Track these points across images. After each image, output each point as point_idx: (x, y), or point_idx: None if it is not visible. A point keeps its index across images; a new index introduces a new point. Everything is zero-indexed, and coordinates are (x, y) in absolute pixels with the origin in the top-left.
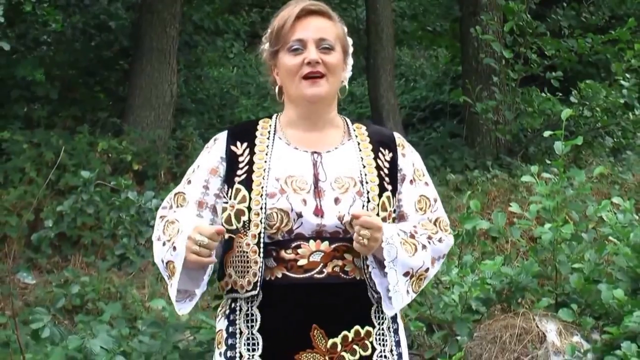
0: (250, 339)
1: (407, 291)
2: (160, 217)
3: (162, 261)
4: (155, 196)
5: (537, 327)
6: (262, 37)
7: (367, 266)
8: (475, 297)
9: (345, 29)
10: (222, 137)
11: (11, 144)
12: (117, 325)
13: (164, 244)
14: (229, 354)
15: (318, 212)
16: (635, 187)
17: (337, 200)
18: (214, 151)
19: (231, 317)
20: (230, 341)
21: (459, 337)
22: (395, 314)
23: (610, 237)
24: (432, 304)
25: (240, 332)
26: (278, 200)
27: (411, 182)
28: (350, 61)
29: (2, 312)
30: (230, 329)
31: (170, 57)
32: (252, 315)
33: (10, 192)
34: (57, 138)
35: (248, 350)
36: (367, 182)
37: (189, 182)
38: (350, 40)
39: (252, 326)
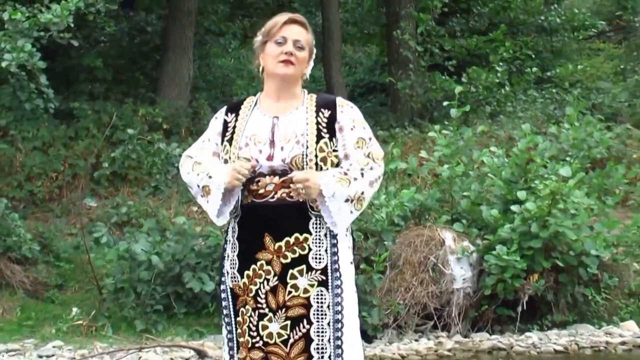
0: (233, 243)
1: (351, 211)
2: (188, 156)
3: (198, 186)
4: (178, 146)
5: (439, 235)
6: (258, 33)
7: (318, 205)
8: (396, 214)
9: (314, 41)
10: (222, 110)
11: (80, 111)
12: (152, 234)
13: (198, 174)
14: (224, 254)
15: (269, 158)
16: (506, 140)
17: (282, 149)
18: (218, 120)
19: (228, 231)
20: (225, 246)
21: (386, 242)
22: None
23: (489, 174)
24: (367, 219)
25: (229, 240)
26: (243, 151)
27: (351, 129)
28: (312, 64)
29: (74, 225)
30: (226, 238)
31: (188, 51)
32: (234, 228)
33: (79, 144)
34: (111, 106)
35: (232, 251)
36: (307, 135)
37: (206, 139)
38: (314, 50)
39: (234, 235)
